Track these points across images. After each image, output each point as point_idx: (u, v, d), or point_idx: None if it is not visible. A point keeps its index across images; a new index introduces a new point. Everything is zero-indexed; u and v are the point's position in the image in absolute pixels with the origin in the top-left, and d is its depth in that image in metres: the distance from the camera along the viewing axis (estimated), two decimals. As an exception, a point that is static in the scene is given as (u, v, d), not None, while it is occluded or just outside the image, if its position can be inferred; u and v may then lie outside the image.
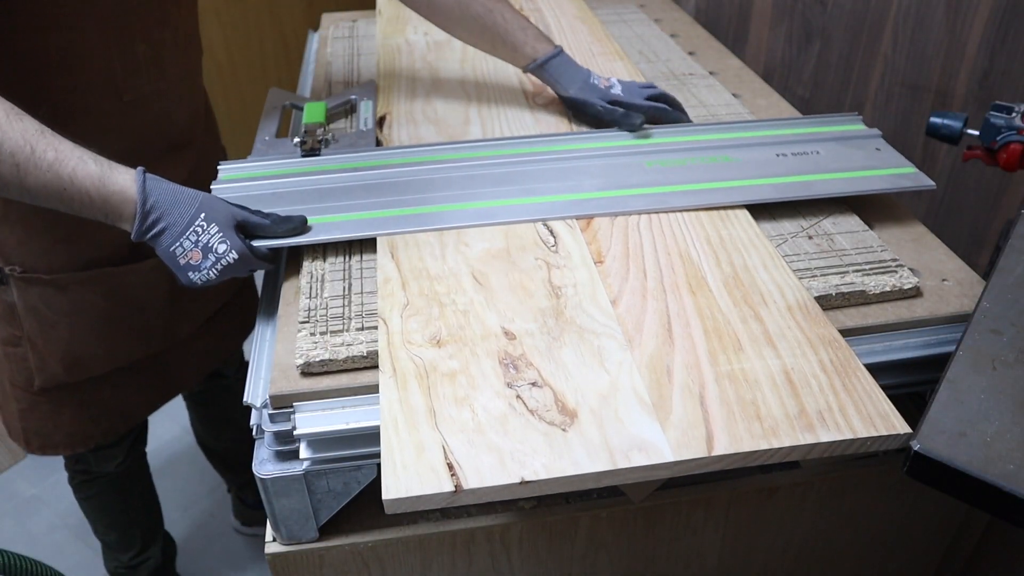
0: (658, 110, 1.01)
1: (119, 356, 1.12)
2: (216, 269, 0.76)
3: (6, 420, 1.19)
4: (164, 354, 1.19)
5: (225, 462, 1.60)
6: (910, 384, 0.76)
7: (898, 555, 0.95)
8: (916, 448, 0.55)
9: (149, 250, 0.78)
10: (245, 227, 0.79)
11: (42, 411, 1.15)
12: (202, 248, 0.75)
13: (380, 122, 1.08)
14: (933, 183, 0.89)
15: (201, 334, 1.22)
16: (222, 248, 0.75)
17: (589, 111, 1.03)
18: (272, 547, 0.77)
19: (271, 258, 0.81)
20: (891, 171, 0.91)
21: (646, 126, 0.99)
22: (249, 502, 1.66)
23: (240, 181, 0.91)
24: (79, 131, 0.78)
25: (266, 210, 0.83)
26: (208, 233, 0.75)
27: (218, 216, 0.76)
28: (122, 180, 0.74)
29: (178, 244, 0.75)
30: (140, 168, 0.76)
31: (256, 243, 0.79)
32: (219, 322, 1.24)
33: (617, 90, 1.03)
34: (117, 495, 1.36)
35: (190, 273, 0.76)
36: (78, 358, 1.09)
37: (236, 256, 0.76)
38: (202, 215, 0.76)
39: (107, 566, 1.50)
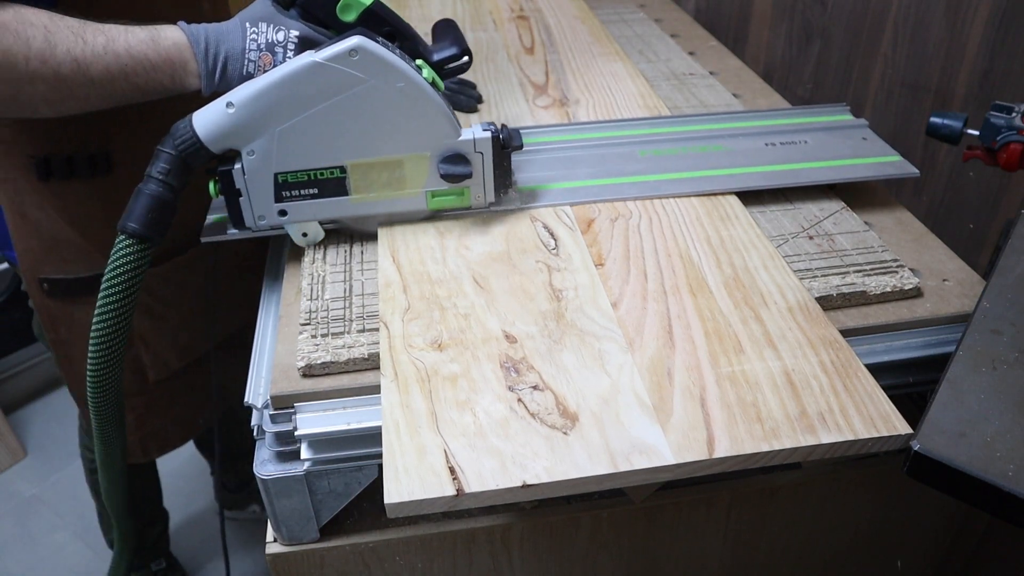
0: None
1: (220, 330, 1.15)
2: (290, 56, 0.75)
3: None
4: (246, 329, 1.22)
5: (211, 448, 1.62)
6: (911, 384, 0.77)
7: (898, 555, 0.95)
8: (916, 448, 0.55)
9: None
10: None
11: (160, 407, 1.17)
12: (267, 47, 0.74)
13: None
14: (917, 171, 0.91)
15: None
16: (281, 35, 0.75)
17: None
18: (273, 547, 0.77)
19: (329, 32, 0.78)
20: (876, 159, 0.93)
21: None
22: (230, 486, 1.68)
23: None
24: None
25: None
26: (262, 32, 0.74)
27: (256, 13, 0.76)
28: (172, 33, 0.74)
29: (247, 62, 0.75)
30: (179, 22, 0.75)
31: None
32: None
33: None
34: (134, 472, 1.38)
35: None
36: (189, 343, 1.12)
37: (297, 33, 0.75)
38: (247, 23, 0.75)
39: (108, 537, 1.53)
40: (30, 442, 1.98)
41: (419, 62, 0.78)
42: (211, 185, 0.78)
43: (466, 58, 0.82)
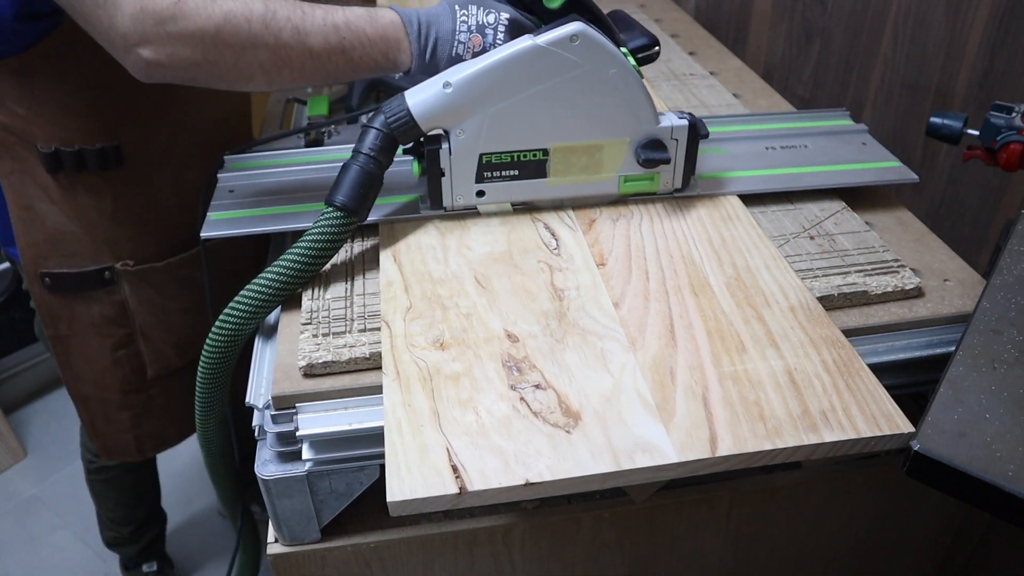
0: None
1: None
2: (500, 38, 0.76)
3: (109, 441, 1.18)
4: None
5: None
6: (912, 384, 0.77)
7: (898, 555, 0.95)
8: (916, 448, 0.55)
9: None
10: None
11: (157, 406, 1.16)
12: (477, 29, 0.76)
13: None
14: (916, 176, 0.92)
15: None
16: (491, 18, 0.76)
17: None
18: (274, 548, 0.77)
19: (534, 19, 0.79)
20: (876, 165, 0.94)
21: None
22: None
23: (247, 170, 0.94)
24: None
25: (274, 198, 0.83)
26: (472, 15, 0.76)
27: None
28: (387, 12, 0.76)
29: (456, 43, 0.76)
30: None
31: None
32: None
33: None
34: (133, 473, 1.40)
35: None
36: (190, 340, 1.12)
37: (508, 16, 0.76)
38: (455, 6, 0.76)
39: (105, 536, 1.54)
40: (30, 442, 1.98)
41: (623, 50, 0.79)
42: (414, 164, 0.80)
43: (656, 48, 0.84)
